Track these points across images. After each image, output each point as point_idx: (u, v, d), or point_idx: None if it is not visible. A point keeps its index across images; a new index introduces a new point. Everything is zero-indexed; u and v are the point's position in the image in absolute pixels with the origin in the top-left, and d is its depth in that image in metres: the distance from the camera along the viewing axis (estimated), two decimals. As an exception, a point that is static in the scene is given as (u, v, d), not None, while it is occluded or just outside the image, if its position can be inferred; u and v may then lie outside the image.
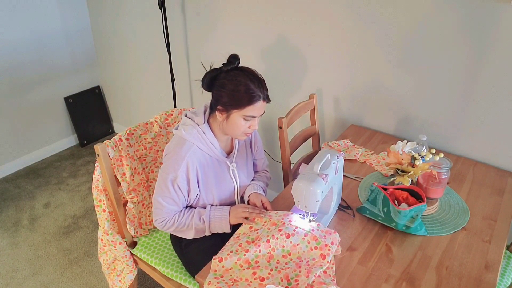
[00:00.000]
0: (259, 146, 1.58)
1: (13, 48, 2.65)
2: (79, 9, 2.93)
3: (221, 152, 1.41)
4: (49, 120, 3.04)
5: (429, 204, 1.39)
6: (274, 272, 1.13)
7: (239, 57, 1.31)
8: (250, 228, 1.29)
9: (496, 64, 1.52)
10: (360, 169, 1.65)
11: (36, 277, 2.08)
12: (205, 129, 1.35)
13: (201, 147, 1.35)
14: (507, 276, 1.47)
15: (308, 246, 1.18)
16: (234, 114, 1.28)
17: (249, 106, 1.26)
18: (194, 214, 1.38)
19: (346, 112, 2.02)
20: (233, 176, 1.45)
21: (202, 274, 1.16)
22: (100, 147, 1.39)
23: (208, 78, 1.30)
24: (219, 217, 1.36)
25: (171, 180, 1.32)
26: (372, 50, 1.79)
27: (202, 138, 1.35)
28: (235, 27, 2.20)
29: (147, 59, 2.78)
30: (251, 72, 1.29)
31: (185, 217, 1.38)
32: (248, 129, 1.32)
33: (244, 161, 1.50)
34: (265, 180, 1.62)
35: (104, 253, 1.65)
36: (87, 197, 2.67)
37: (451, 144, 1.76)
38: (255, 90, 1.25)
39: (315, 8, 1.87)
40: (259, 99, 1.26)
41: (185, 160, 1.31)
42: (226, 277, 1.14)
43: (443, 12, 1.55)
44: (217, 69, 1.30)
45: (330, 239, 1.20)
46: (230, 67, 1.29)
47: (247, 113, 1.27)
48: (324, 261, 1.14)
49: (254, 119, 1.30)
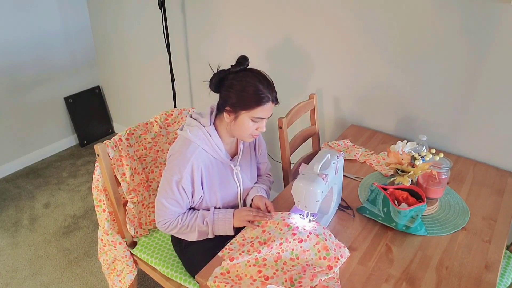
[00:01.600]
0: (263, 150, 1.58)
1: (13, 48, 2.65)
2: (79, 9, 2.93)
3: (226, 154, 1.40)
4: (49, 120, 3.04)
5: (429, 204, 1.39)
6: (280, 272, 1.13)
7: (248, 59, 1.30)
8: (263, 232, 1.27)
9: (496, 64, 1.52)
10: (360, 169, 1.65)
11: (36, 277, 2.08)
12: (211, 131, 1.34)
13: (206, 149, 1.34)
14: (507, 276, 1.47)
15: (317, 255, 1.18)
16: (243, 115, 1.27)
17: (258, 107, 1.26)
18: (198, 216, 1.38)
19: (346, 112, 2.02)
20: (236, 179, 1.45)
21: (202, 274, 1.16)
22: (100, 147, 1.39)
23: (216, 79, 1.29)
24: (223, 220, 1.36)
25: (176, 182, 1.31)
26: (372, 50, 1.79)
27: (208, 140, 1.34)
28: (235, 27, 2.20)
29: (147, 59, 2.78)
30: (260, 74, 1.29)
31: (188, 219, 1.38)
32: (256, 131, 1.32)
33: (248, 164, 1.50)
34: (268, 184, 1.62)
35: (104, 253, 1.65)
36: (87, 197, 2.67)
37: (451, 144, 1.76)
38: (264, 91, 1.25)
39: (315, 8, 1.87)
40: (268, 100, 1.26)
41: (190, 161, 1.30)
42: (232, 272, 1.14)
43: (443, 12, 1.55)
44: (226, 70, 1.30)
45: (340, 252, 1.19)
46: (239, 68, 1.28)
47: (256, 114, 1.27)
48: (330, 271, 1.14)
49: (262, 121, 1.30)
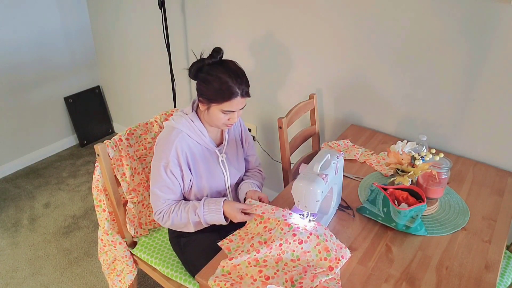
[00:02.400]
0: (250, 142, 1.61)
1: (13, 48, 2.65)
2: (79, 9, 2.93)
3: (211, 141, 1.44)
4: (49, 120, 3.03)
5: (429, 204, 1.39)
6: (280, 273, 1.13)
7: (222, 50, 1.33)
8: (265, 228, 1.27)
9: (496, 64, 1.52)
10: (360, 169, 1.65)
11: (36, 277, 2.08)
12: (193, 117, 1.40)
13: (190, 135, 1.39)
14: (507, 276, 1.47)
15: (318, 256, 1.18)
16: (213, 107, 1.32)
17: (227, 102, 1.29)
18: (189, 208, 1.38)
19: (346, 112, 2.02)
20: (222, 167, 1.47)
21: (202, 274, 1.16)
22: (100, 147, 1.39)
23: (194, 68, 1.33)
24: (215, 211, 1.36)
25: (164, 167, 1.35)
26: (372, 50, 1.79)
27: (191, 126, 1.39)
28: (235, 27, 2.20)
29: (147, 59, 2.78)
30: (231, 68, 1.31)
31: (180, 211, 1.39)
32: (228, 121, 1.36)
33: (235, 154, 1.53)
34: (260, 180, 1.64)
35: (104, 253, 1.65)
36: (87, 197, 2.67)
37: (451, 144, 1.76)
38: (233, 86, 1.28)
39: (316, 9, 1.87)
40: (237, 95, 1.29)
41: (174, 144, 1.35)
42: (233, 274, 1.14)
43: (443, 11, 1.55)
44: (203, 59, 1.32)
45: (341, 253, 1.19)
46: (212, 61, 1.31)
47: (225, 108, 1.31)
48: (331, 272, 1.14)
49: (233, 113, 1.34)
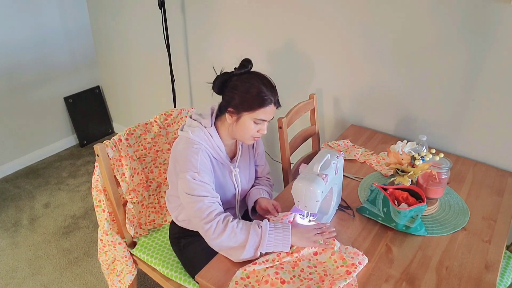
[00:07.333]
0: (260, 152, 1.58)
1: (13, 48, 2.65)
2: (79, 9, 2.93)
3: (226, 156, 1.40)
4: (49, 120, 3.03)
5: (429, 204, 1.39)
6: (296, 279, 1.12)
7: (252, 62, 1.32)
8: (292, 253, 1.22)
9: (496, 64, 1.52)
10: (360, 169, 1.65)
11: (36, 277, 2.08)
12: (212, 132, 1.34)
13: (208, 150, 1.35)
14: (507, 276, 1.47)
15: (334, 265, 1.17)
16: (245, 117, 1.28)
17: (260, 109, 1.26)
18: (252, 223, 1.24)
19: (346, 112, 2.02)
20: (235, 181, 1.45)
21: (202, 275, 1.16)
22: (99, 147, 1.39)
23: (219, 80, 1.30)
24: (282, 236, 1.20)
25: (193, 176, 1.26)
26: (372, 50, 1.79)
27: (209, 141, 1.34)
28: (235, 27, 2.20)
29: (147, 59, 2.78)
30: (263, 77, 1.31)
31: (240, 226, 1.22)
32: (257, 133, 1.32)
33: (247, 165, 1.50)
34: (269, 187, 1.61)
35: (103, 253, 1.65)
36: (87, 197, 2.66)
37: (451, 144, 1.76)
38: (267, 93, 1.26)
39: (314, 8, 1.86)
40: (271, 102, 1.27)
41: (199, 154, 1.29)
42: (252, 278, 1.14)
43: (443, 12, 1.55)
44: (229, 72, 1.31)
45: (358, 259, 1.18)
46: (243, 71, 1.30)
47: (258, 116, 1.27)
48: (349, 276, 1.12)
49: (263, 123, 1.31)
